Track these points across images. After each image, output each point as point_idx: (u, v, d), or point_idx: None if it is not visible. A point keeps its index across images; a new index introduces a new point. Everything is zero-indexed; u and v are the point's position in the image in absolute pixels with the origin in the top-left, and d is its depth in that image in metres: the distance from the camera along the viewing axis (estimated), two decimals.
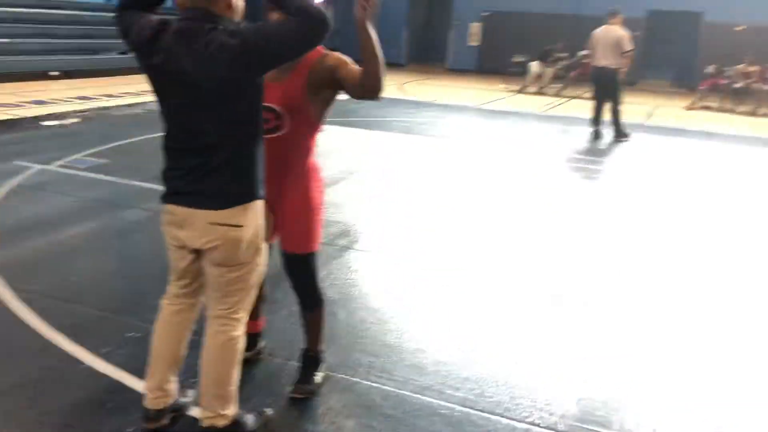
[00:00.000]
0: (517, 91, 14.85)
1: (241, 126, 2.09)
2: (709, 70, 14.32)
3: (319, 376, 2.77)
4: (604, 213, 5.94)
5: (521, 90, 14.88)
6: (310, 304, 2.67)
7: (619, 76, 9.18)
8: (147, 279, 3.80)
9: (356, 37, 2.16)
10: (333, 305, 2.81)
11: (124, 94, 10.62)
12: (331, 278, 3.91)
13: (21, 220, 4.69)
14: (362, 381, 2.87)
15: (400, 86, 14.73)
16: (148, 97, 9.50)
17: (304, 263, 2.58)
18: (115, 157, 6.71)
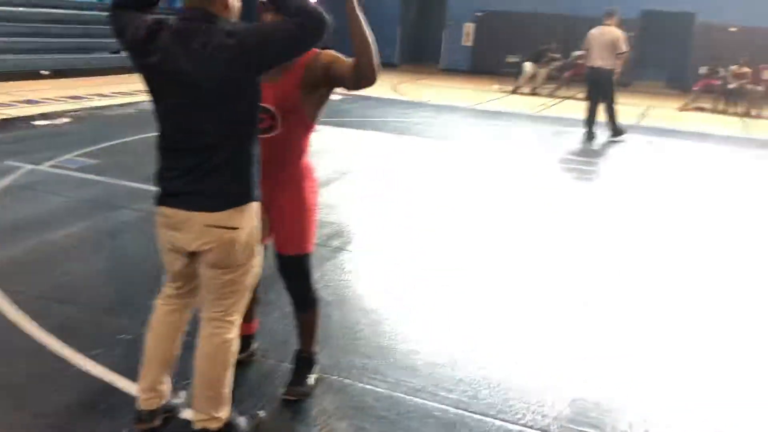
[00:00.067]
0: (511, 91, 14.87)
1: (239, 126, 2.08)
2: (703, 71, 14.38)
3: (312, 378, 2.76)
4: (600, 213, 5.96)
5: (515, 90, 14.90)
6: (304, 306, 2.66)
7: (614, 76, 9.20)
8: (138, 280, 3.79)
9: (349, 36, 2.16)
10: (326, 306, 2.81)
11: (116, 93, 10.58)
12: (324, 279, 3.90)
13: (12, 221, 4.66)
14: (356, 383, 2.86)
15: (393, 86, 14.73)
16: (140, 97, 9.51)
17: (298, 264, 2.57)
18: (107, 157, 6.68)
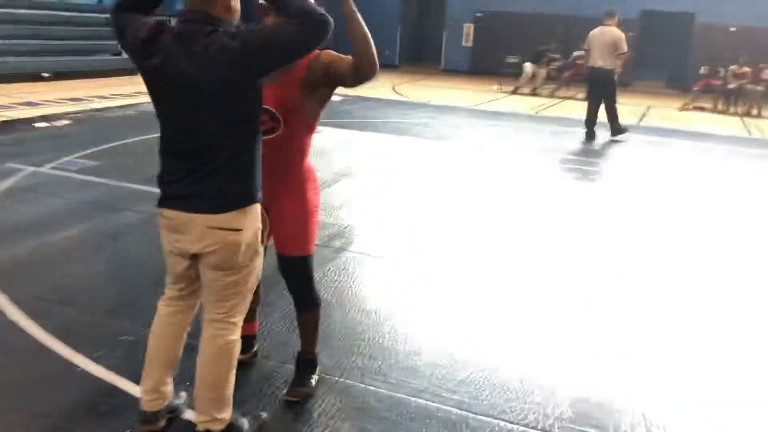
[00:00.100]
0: (511, 92, 14.89)
1: (241, 128, 2.08)
2: (703, 70, 14.38)
3: (314, 379, 2.76)
4: (600, 213, 5.95)
5: (515, 91, 14.91)
6: (305, 307, 2.66)
7: (615, 76, 9.20)
8: (140, 282, 3.79)
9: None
10: (328, 307, 2.81)
11: (117, 95, 10.59)
12: (326, 280, 3.91)
13: (13, 223, 4.66)
14: (357, 384, 2.86)
15: (393, 87, 14.73)
16: (140, 99, 9.53)
17: (300, 265, 2.57)
18: (108, 159, 6.68)
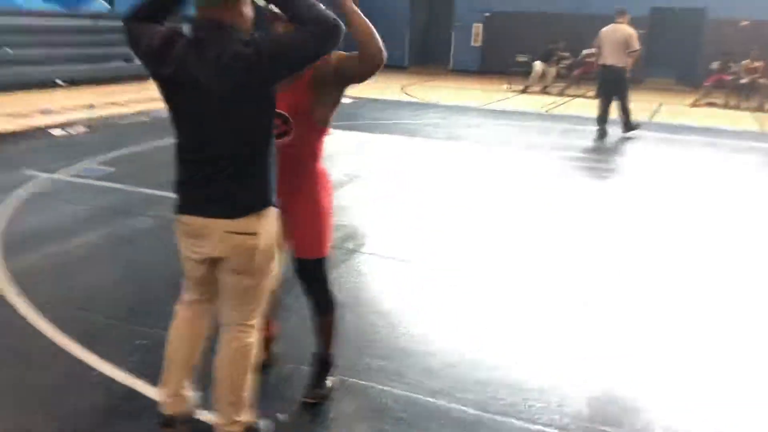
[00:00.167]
0: (521, 90, 14.85)
1: (255, 134, 2.09)
2: (714, 66, 14.27)
3: (330, 381, 2.78)
4: (613, 211, 5.92)
5: (525, 90, 14.87)
6: (321, 309, 2.68)
7: (626, 74, 9.16)
8: (157, 286, 3.83)
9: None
10: (342, 309, 2.83)
11: (131, 102, 10.66)
12: (339, 282, 3.92)
13: (31, 229, 4.72)
14: (374, 385, 2.88)
15: (403, 88, 14.74)
16: (154, 105, 9.58)
17: (315, 268, 2.59)
18: (123, 165, 6.75)
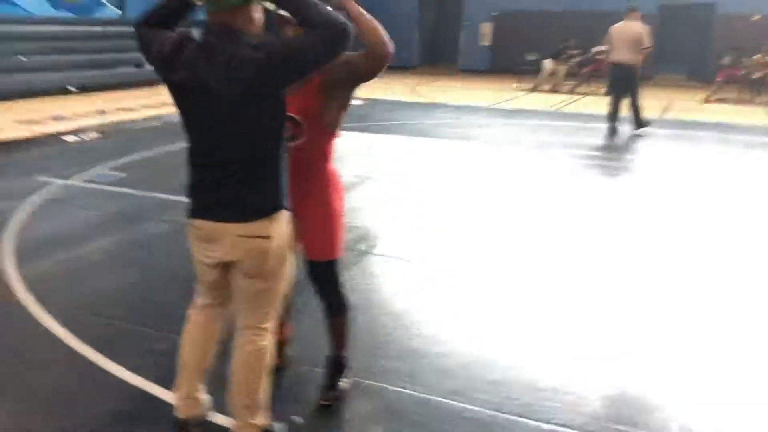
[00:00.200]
0: (531, 89, 14.81)
1: (266, 137, 2.10)
2: (725, 61, 14.16)
3: (344, 383, 2.79)
4: (624, 210, 5.89)
5: (535, 88, 14.83)
6: (334, 310, 2.69)
7: (637, 71, 9.12)
8: (171, 290, 3.84)
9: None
10: (354, 310, 2.84)
11: (142, 107, 10.72)
12: (351, 284, 3.90)
13: (45, 235, 4.76)
14: (388, 386, 2.88)
15: (412, 89, 14.74)
16: (165, 109, 9.64)
17: (328, 270, 2.60)
18: (135, 170, 6.79)
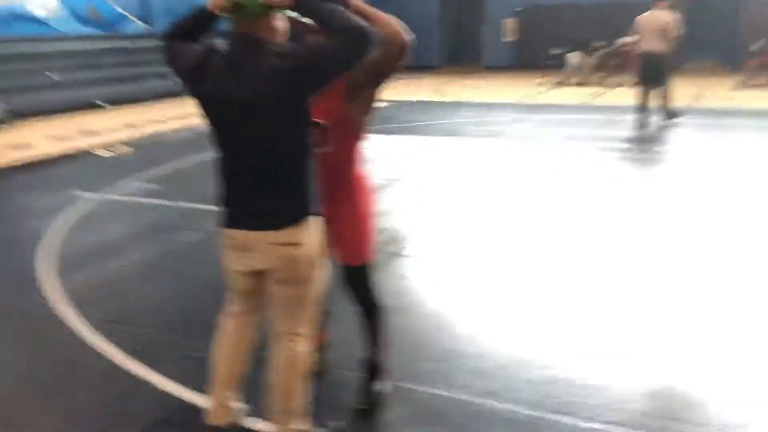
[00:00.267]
0: (557, 83, 14.66)
1: (294, 145, 2.12)
2: (755, 48, 13.84)
3: (382, 386, 2.78)
4: (658, 203, 5.78)
5: (561, 82, 14.68)
6: (369, 314, 2.70)
7: (667, 60, 8.97)
8: (209, 299, 3.86)
9: None
10: (389, 314, 2.84)
11: (170, 118, 10.86)
12: (382, 286, 3.91)
13: (83, 249, 4.85)
14: (425, 388, 2.87)
15: (437, 88, 14.70)
16: (193, 120, 9.76)
17: (361, 274, 2.61)
18: (167, 181, 6.89)
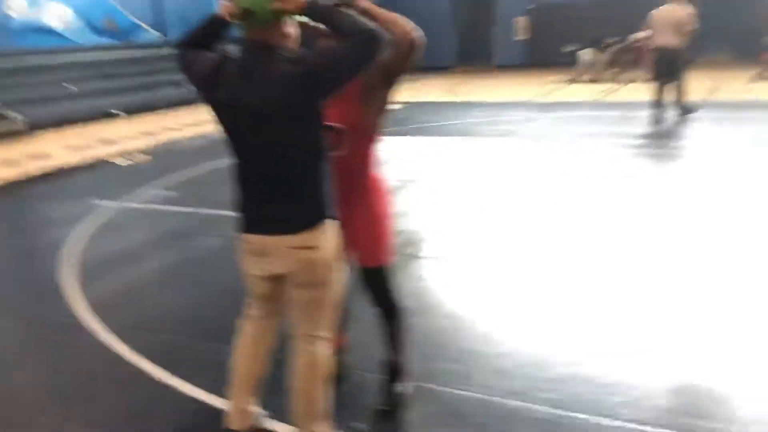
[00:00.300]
0: (570, 80, 14.59)
1: (309, 149, 2.13)
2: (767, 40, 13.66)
3: (404, 387, 2.79)
4: (676, 199, 5.72)
5: (574, 79, 14.60)
6: (389, 316, 2.71)
7: (681, 55, 8.90)
8: (227, 304, 3.88)
9: None
10: (408, 315, 2.85)
11: (186, 126, 10.93)
12: (401, 288, 3.91)
13: (102, 257, 4.90)
14: (447, 389, 2.87)
15: (449, 89, 14.68)
16: (208, 127, 9.81)
17: (379, 276, 2.61)
18: (184, 188, 6.95)
